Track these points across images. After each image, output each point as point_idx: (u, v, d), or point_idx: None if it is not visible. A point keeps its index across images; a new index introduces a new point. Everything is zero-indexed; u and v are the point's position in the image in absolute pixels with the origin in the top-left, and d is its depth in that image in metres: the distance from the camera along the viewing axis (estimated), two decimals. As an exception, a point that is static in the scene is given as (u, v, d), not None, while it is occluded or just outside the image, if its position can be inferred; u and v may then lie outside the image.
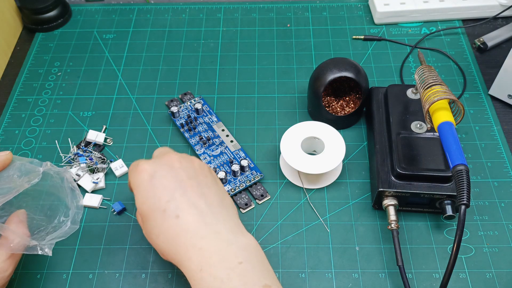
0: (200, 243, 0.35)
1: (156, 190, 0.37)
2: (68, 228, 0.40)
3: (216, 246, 0.35)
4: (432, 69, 0.48)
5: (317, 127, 0.51)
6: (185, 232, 0.36)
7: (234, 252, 0.35)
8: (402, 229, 0.48)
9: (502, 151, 0.53)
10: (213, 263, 0.34)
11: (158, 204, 0.37)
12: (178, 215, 0.36)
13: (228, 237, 0.36)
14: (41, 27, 0.67)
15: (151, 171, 0.38)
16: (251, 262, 0.35)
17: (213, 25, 0.68)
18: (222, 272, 0.34)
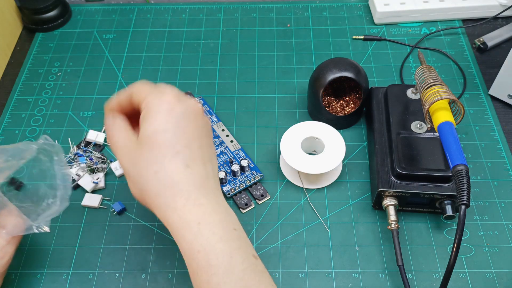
0: (202, 199, 0.34)
1: (178, 129, 0.35)
2: (59, 206, 0.41)
3: (216, 207, 0.34)
4: (432, 69, 0.48)
5: (317, 127, 0.51)
6: (191, 183, 0.34)
7: (230, 219, 0.35)
8: (402, 229, 0.48)
9: (502, 151, 0.53)
10: (212, 221, 0.33)
11: (175, 143, 0.34)
12: (189, 164, 0.35)
13: (224, 205, 0.35)
14: (41, 27, 0.67)
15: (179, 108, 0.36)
16: (242, 232, 0.35)
17: (213, 25, 0.68)
18: (220, 230, 0.33)
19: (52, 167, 0.42)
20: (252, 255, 0.34)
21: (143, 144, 0.35)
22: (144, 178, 0.35)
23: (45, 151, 0.42)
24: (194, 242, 0.33)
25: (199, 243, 0.33)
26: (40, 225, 0.39)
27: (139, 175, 0.35)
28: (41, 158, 0.42)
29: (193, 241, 0.33)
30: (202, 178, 0.35)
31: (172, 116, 0.35)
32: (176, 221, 0.33)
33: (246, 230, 0.47)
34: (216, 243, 0.32)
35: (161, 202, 0.34)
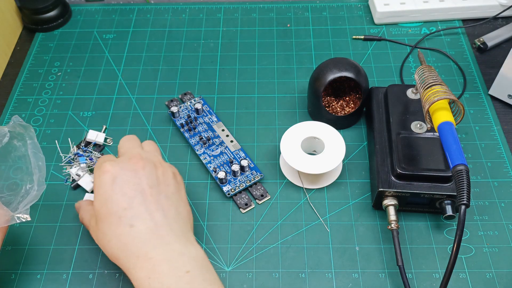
0: (150, 253, 0.36)
1: (115, 195, 0.38)
2: (36, 191, 0.41)
3: (166, 256, 0.36)
4: (432, 69, 0.48)
5: (317, 127, 0.51)
6: (137, 241, 0.36)
7: (183, 261, 0.36)
8: (402, 229, 0.48)
9: (502, 151, 0.53)
10: (162, 271, 0.35)
11: (116, 209, 0.37)
12: (133, 224, 0.37)
13: (178, 248, 0.37)
14: (41, 27, 0.67)
15: (114, 174, 0.38)
16: (199, 271, 0.36)
17: (213, 25, 0.68)
18: (170, 279, 0.35)
19: (26, 152, 0.42)
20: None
21: (97, 219, 0.39)
22: (105, 246, 0.38)
23: (18, 135, 0.43)
24: None
25: None
26: (20, 216, 0.40)
27: (102, 245, 0.39)
28: (15, 144, 0.42)
29: None
30: (149, 232, 0.37)
31: (108, 184, 0.38)
32: (134, 280, 0.36)
33: (246, 230, 0.47)
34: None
35: (121, 264, 0.37)
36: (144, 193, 0.38)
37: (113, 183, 0.38)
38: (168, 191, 0.40)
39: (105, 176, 0.38)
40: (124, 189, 0.38)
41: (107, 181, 0.38)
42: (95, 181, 0.39)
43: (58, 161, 0.53)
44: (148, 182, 0.39)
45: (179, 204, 0.40)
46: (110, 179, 0.38)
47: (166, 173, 0.41)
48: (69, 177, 0.52)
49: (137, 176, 0.39)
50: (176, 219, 0.39)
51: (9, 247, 0.47)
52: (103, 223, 0.38)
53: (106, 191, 0.38)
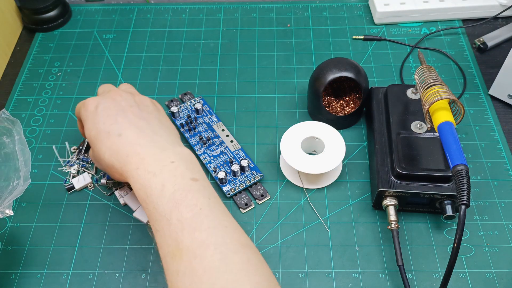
0: (139, 150, 0.41)
1: (100, 117, 0.43)
2: (22, 186, 0.42)
3: (152, 150, 0.41)
4: (432, 69, 0.48)
5: (317, 127, 0.51)
6: (127, 145, 0.41)
7: (167, 155, 0.40)
8: (402, 229, 0.48)
9: (502, 151, 0.53)
10: (148, 162, 0.39)
11: (103, 127, 0.42)
12: (121, 133, 0.42)
13: (164, 145, 0.42)
14: (41, 27, 0.67)
15: (96, 103, 0.44)
16: (183, 162, 0.40)
17: (213, 25, 0.68)
18: (155, 167, 0.39)
19: (14, 148, 0.44)
20: (189, 179, 0.38)
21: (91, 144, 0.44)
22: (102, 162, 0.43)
23: (7, 131, 0.44)
24: (136, 184, 0.39)
25: (139, 183, 0.39)
26: (3, 211, 0.41)
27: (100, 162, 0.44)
28: (4, 140, 0.44)
29: (135, 184, 0.39)
30: (135, 136, 0.42)
31: (92, 112, 0.44)
32: (127, 177, 0.40)
33: (246, 230, 0.47)
34: (151, 179, 0.38)
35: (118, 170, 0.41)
36: (125, 110, 0.44)
37: (96, 109, 0.44)
38: (148, 109, 0.45)
39: (90, 106, 0.44)
40: (107, 111, 0.43)
41: (91, 109, 0.44)
42: (82, 115, 0.45)
43: (58, 161, 0.53)
44: (127, 103, 0.44)
45: (161, 118, 0.46)
46: (93, 106, 0.44)
47: (143, 99, 0.46)
48: (68, 177, 0.52)
49: (115, 100, 0.44)
50: (160, 126, 0.44)
51: (9, 247, 0.47)
52: (97, 143, 0.43)
53: (93, 116, 0.43)
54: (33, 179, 0.52)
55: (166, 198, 0.37)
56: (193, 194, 0.37)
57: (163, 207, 0.37)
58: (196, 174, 0.39)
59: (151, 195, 0.38)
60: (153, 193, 0.38)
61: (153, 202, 0.37)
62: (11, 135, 0.44)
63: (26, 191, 0.50)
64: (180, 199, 0.37)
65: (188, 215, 0.36)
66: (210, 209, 0.37)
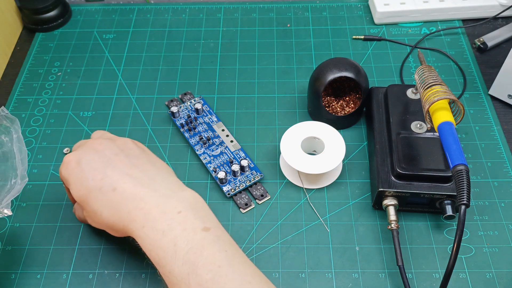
0: (140, 204, 0.37)
1: (87, 173, 0.39)
2: (19, 185, 0.42)
3: (155, 202, 0.37)
4: (432, 69, 0.48)
5: (317, 127, 0.51)
6: (125, 199, 0.37)
7: (173, 204, 0.37)
8: (402, 229, 0.48)
9: (502, 151, 0.53)
10: (154, 217, 0.36)
11: (93, 184, 0.38)
12: (115, 187, 0.38)
13: (166, 193, 0.38)
14: (41, 27, 0.67)
15: (77, 158, 0.40)
16: (191, 210, 0.37)
17: (213, 25, 0.68)
18: (162, 224, 0.35)
19: (12, 147, 0.43)
20: (201, 230, 0.35)
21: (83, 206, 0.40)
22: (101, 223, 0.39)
23: (5, 130, 0.43)
24: (145, 244, 0.36)
25: (148, 244, 0.36)
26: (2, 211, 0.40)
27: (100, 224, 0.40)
28: (2, 139, 0.43)
29: (144, 244, 0.36)
30: (131, 188, 0.38)
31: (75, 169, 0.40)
32: (133, 235, 0.37)
33: (246, 230, 0.47)
34: (161, 239, 0.35)
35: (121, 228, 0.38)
36: (112, 161, 0.39)
37: (79, 165, 0.40)
38: (135, 153, 0.41)
39: (70, 164, 0.40)
40: (92, 165, 0.39)
41: (73, 166, 0.40)
42: (65, 175, 0.41)
43: (58, 161, 0.53)
44: (111, 152, 0.40)
45: (152, 160, 0.42)
46: (75, 163, 0.40)
47: (125, 142, 0.42)
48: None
49: (98, 152, 0.40)
50: (155, 170, 0.40)
51: (9, 247, 0.47)
52: (89, 203, 0.39)
53: (77, 175, 0.39)
54: (33, 179, 0.52)
55: (180, 260, 0.34)
56: (209, 250, 0.34)
57: (179, 270, 0.34)
58: (207, 221, 0.36)
59: (164, 258, 0.35)
60: (166, 255, 0.35)
61: (167, 265, 0.35)
62: (9, 133, 0.44)
63: (26, 191, 0.50)
64: (195, 259, 0.34)
65: (208, 277, 0.33)
66: (230, 265, 0.34)
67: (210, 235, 0.35)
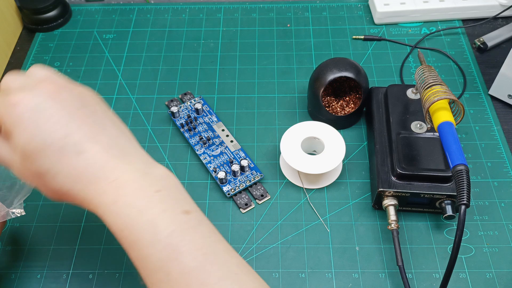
0: (112, 175, 0.31)
1: (44, 125, 0.32)
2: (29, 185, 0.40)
3: (130, 176, 0.31)
4: (432, 69, 0.48)
5: (317, 127, 0.51)
6: (92, 166, 0.31)
7: (150, 181, 0.32)
8: (402, 229, 0.48)
9: (502, 151, 0.53)
10: (129, 192, 0.31)
11: (51, 141, 0.31)
12: (81, 151, 0.31)
13: (141, 167, 0.32)
14: (41, 27, 0.67)
15: (32, 103, 0.32)
16: (169, 190, 0.32)
17: (213, 25, 0.68)
18: (140, 201, 0.31)
19: None
20: (181, 212, 0.31)
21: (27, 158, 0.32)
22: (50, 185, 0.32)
23: None
24: (116, 222, 0.31)
25: (120, 222, 0.30)
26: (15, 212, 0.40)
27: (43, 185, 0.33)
28: None
29: (115, 222, 0.31)
30: (101, 154, 0.32)
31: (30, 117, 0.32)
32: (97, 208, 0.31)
33: (246, 230, 0.47)
34: (136, 217, 0.30)
35: (77, 197, 0.32)
36: (76, 116, 0.32)
37: (35, 113, 0.32)
38: (98, 109, 0.35)
39: (19, 108, 0.32)
40: (52, 117, 0.32)
41: (25, 112, 0.32)
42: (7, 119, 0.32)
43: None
44: (73, 105, 0.33)
45: (117, 121, 0.35)
46: (28, 109, 0.32)
47: (84, 92, 0.35)
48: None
49: (58, 101, 0.33)
50: (123, 137, 0.34)
51: (9, 247, 0.47)
52: (41, 160, 0.32)
53: (30, 124, 0.32)
54: (33, 179, 0.52)
55: (161, 244, 0.29)
56: (192, 234, 0.30)
57: (159, 256, 0.29)
58: (187, 204, 0.32)
59: (139, 240, 0.30)
60: (142, 237, 0.30)
61: (144, 248, 0.30)
62: None
63: (26, 191, 0.50)
64: (177, 244, 0.29)
65: (192, 265, 0.29)
66: (214, 253, 0.30)
67: (191, 218, 0.31)
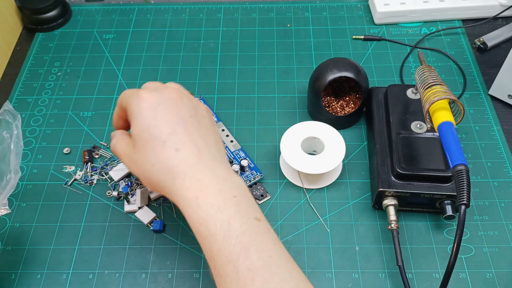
0: (198, 175, 0.36)
1: (158, 121, 0.38)
2: (14, 179, 0.42)
3: (213, 179, 0.36)
4: (432, 69, 0.48)
5: (317, 127, 0.51)
6: (184, 164, 0.37)
7: (228, 186, 0.36)
8: (402, 229, 0.48)
9: (502, 151, 0.53)
10: (210, 192, 0.35)
11: (159, 135, 0.37)
12: (179, 148, 0.37)
13: (223, 174, 0.37)
14: (41, 27, 0.67)
15: (154, 102, 0.39)
16: (244, 197, 0.36)
17: (213, 25, 0.68)
18: (218, 200, 0.35)
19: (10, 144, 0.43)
20: (253, 218, 0.35)
21: (136, 145, 0.39)
22: (146, 173, 0.38)
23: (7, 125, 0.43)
24: (195, 216, 0.35)
25: (199, 216, 0.35)
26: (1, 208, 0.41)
27: (142, 171, 0.38)
28: (3, 135, 0.43)
29: (194, 216, 0.35)
30: (194, 156, 0.37)
31: (150, 111, 0.38)
32: (179, 201, 0.36)
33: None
34: (214, 214, 0.34)
35: (165, 188, 0.37)
36: (185, 121, 0.39)
37: (155, 110, 0.38)
38: (205, 121, 0.41)
39: (145, 103, 0.38)
40: (166, 116, 0.38)
41: (147, 107, 0.38)
42: (133, 109, 0.39)
43: (58, 161, 0.53)
44: (188, 111, 0.39)
45: (216, 135, 0.41)
46: (150, 106, 0.38)
47: (200, 107, 0.42)
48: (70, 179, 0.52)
49: (176, 105, 0.39)
50: (215, 147, 0.39)
51: (9, 247, 0.47)
52: (145, 149, 0.38)
53: (148, 117, 0.38)
54: (33, 179, 0.52)
55: (233, 240, 0.33)
56: (261, 238, 0.34)
57: (230, 250, 0.33)
58: (258, 213, 0.36)
59: (215, 234, 0.34)
60: (218, 232, 0.34)
61: (217, 242, 0.33)
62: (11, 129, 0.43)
63: (26, 191, 0.50)
64: (248, 243, 0.33)
65: (259, 264, 0.32)
66: (279, 257, 0.34)
67: (261, 225, 0.35)
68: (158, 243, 0.47)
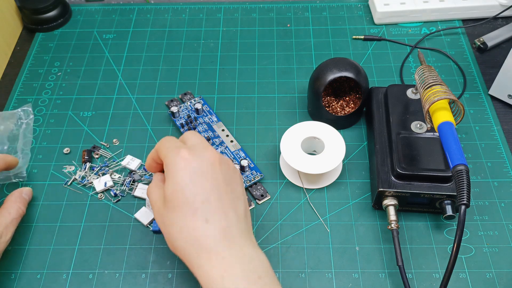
0: (223, 253, 0.35)
1: (194, 186, 0.36)
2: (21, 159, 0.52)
3: (239, 258, 0.35)
4: (432, 69, 0.48)
5: (317, 127, 0.51)
6: (211, 238, 0.36)
7: (254, 266, 0.35)
8: (402, 229, 0.48)
9: (502, 151, 0.53)
10: (236, 274, 0.34)
11: (192, 200, 0.36)
12: (209, 219, 0.36)
13: (249, 252, 0.36)
14: (41, 27, 0.67)
15: (193, 163, 0.37)
16: (268, 278, 0.36)
17: (213, 25, 0.68)
18: (243, 282, 0.34)
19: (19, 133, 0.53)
20: None
21: (167, 204, 0.37)
22: (172, 236, 0.37)
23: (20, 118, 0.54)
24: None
25: None
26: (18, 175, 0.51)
27: (168, 232, 0.37)
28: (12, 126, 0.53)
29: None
30: (223, 230, 0.36)
31: (187, 173, 0.37)
32: (202, 276, 0.35)
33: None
34: None
35: (188, 258, 0.36)
36: (220, 189, 0.37)
37: (192, 173, 0.37)
38: (238, 191, 0.39)
39: (184, 163, 0.37)
40: (203, 182, 0.37)
41: (185, 168, 0.37)
42: (170, 165, 0.37)
43: (58, 161, 0.53)
44: (224, 178, 0.38)
45: (246, 205, 0.40)
46: (188, 166, 0.37)
47: (236, 173, 0.40)
48: (69, 179, 0.52)
49: (214, 171, 0.38)
50: (244, 220, 0.38)
51: (9, 247, 0.47)
52: (175, 211, 0.36)
53: (184, 179, 0.36)
54: (33, 179, 0.52)
55: None
56: None
57: None
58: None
59: None
60: None
61: None
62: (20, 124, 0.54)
63: (26, 191, 0.50)
64: None
65: None
66: None
67: None
68: (158, 243, 0.47)
